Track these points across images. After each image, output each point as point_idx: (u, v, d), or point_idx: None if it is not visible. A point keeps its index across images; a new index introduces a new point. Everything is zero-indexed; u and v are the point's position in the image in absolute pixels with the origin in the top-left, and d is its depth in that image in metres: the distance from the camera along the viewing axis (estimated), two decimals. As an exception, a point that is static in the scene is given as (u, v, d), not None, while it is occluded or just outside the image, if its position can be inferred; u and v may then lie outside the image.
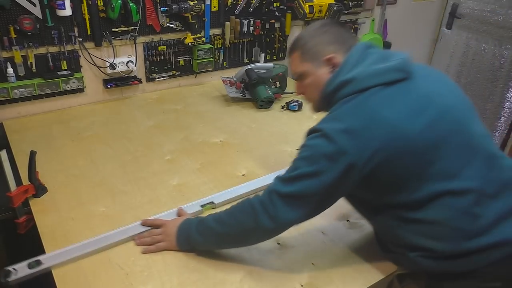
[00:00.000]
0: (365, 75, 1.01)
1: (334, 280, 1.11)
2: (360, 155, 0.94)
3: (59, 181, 1.45)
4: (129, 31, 2.01)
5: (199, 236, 1.11)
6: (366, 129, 0.94)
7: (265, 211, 1.00)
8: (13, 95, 1.81)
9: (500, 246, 0.94)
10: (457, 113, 1.04)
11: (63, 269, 1.10)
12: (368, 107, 0.97)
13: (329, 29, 1.13)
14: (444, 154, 0.97)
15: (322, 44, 1.11)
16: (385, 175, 0.97)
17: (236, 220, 1.05)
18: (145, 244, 1.18)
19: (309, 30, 1.16)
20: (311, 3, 2.38)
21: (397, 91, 0.99)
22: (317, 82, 1.12)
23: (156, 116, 1.96)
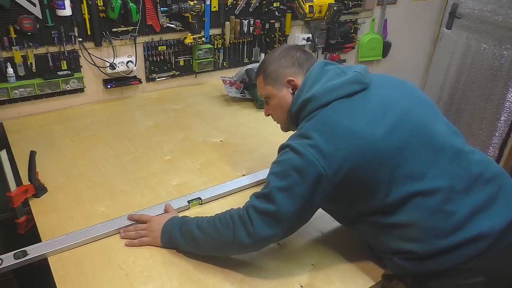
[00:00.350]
0: (323, 91, 1.07)
1: (334, 281, 1.11)
2: (329, 165, 0.97)
3: (59, 181, 1.45)
4: (129, 31, 2.01)
5: (181, 237, 1.13)
6: (330, 140, 0.99)
7: (243, 227, 1.02)
8: (13, 95, 1.81)
9: (476, 241, 0.95)
10: (417, 115, 1.07)
11: (63, 269, 1.10)
12: (330, 120, 1.02)
13: (288, 54, 1.20)
14: (409, 156, 1.00)
15: (282, 68, 1.18)
16: (356, 183, 1.00)
17: (216, 230, 1.07)
18: (130, 237, 1.20)
19: (270, 55, 1.24)
20: (311, 3, 2.38)
21: (355, 101, 1.05)
22: (281, 103, 1.20)
23: (156, 116, 1.96)
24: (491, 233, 0.95)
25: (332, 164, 0.97)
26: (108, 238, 1.21)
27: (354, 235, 1.27)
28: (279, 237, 1.06)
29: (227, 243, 1.06)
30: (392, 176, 0.99)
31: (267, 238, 1.03)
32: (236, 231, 1.03)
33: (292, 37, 2.63)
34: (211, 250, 1.12)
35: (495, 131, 3.23)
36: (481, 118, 3.30)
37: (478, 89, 3.28)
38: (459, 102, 3.44)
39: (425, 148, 1.02)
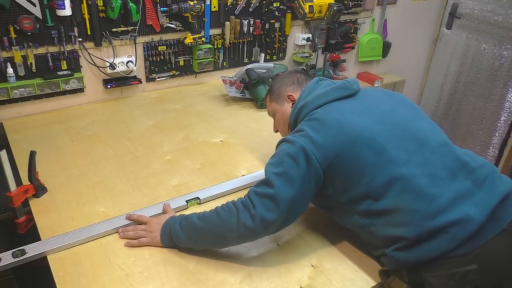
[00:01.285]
0: (314, 97, 1.22)
1: (334, 282, 1.12)
2: (318, 150, 1.09)
3: (59, 181, 1.45)
4: (129, 31, 2.01)
5: (181, 231, 1.14)
6: (319, 130, 1.11)
7: (247, 210, 1.08)
8: (13, 95, 1.81)
9: (461, 223, 0.97)
10: (402, 113, 1.18)
11: (64, 269, 1.10)
12: (319, 116, 1.16)
13: (290, 75, 1.43)
14: (393, 144, 1.08)
15: (284, 86, 1.40)
16: (344, 166, 1.09)
17: (219, 217, 1.10)
18: (128, 237, 1.21)
19: (277, 78, 1.48)
20: (311, 3, 2.38)
21: (343, 103, 1.19)
22: (283, 115, 1.39)
23: (156, 116, 1.96)
24: (477, 217, 0.98)
25: (322, 149, 1.08)
26: (108, 239, 1.21)
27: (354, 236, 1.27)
28: (280, 221, 1.09)
29: (231, 229, 1.08)
30: (377, 159, 1.07)
31: (269, 221, 1.06)
32: (240, 215, 1.07)
33: (292, 37, 2.63)
34: (214, 240, 1.14)
35: (495, 131, 3.23)
36: (481, 118, 3.30)
37: (478, 89, 3.28)
38: (459, 102, 3.44)
39: (408, 139, 1.10)
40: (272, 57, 2.58)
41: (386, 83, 3.10)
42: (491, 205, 1.01)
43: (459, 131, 3.48)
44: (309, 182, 1.10)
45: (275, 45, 2.55)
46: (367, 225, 1.09)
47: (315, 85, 1.30)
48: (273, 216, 1.06)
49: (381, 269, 1.12)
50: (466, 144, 3.44)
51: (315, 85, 1.30)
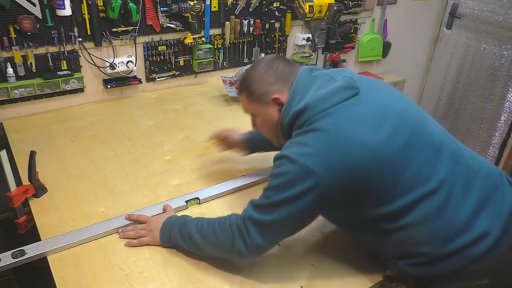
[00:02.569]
0: (316, 100, 1.02)
1: (334, 282, 1.12)
2: (331, 174, 0.94)
3: (59, 181, 1.45)
4: (129, 31, 2.01)
5: (181, 238, 1.13)
6: (332, 149, 0.95)
7: (241, 236, 1.02)
8: (13, 95, 1.81)
9: (480, 240, 0.95)
10: (414, 115, 1.07)
11: (64, 270, 1.10)
12: (330, 128, 0.97)
13: (270, 68, 1.12)
14: (413, 158, 0.98)
15: (266, 85, 1.11)
16: (361, 190, 0.97)
17: (215, 236, 1.07)
18: (128, 237, 1.21)
19: (253, 71, 1.15)
20: (311, 3, 2.38)
21: (351, 107, 1.00)
22: (268, 120, 1.15)
23: (156, 116, 1.96)
24: (493, 232, 0.96)
25: (335, 172, 0.94)
26: (108, 239, 1.21)
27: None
28: (276, 243, 1.07)
29: (225, 250, 1.06)
30: (398, 180, 0.96)
31: (263, 246, 1.03)
32: (235, 240, 1.03)
33: (292, 37, 2.63)
34: (210, 253, 1.12)
35: (495, 131, 3.23)
36: (481, 118, 3.30)
37: (478, 89, 3.28)
38: (459, 102, 3.44)
39: (426, 147, 1.01)
40: (272, 57, 2.58)
41: (386, 83, 3.09)
42: (504, 217, 0.99)
43: (459, 131, 3.48)
44: (315, 209, 1.01)
45: (275, 45, 2.55)
46: (380, 239, 1.04)
47: (308, 80, 1.09)
48: (268, 243, 1.03)
49: (386, 274, 1.09)
50: (466, 144, 3.42)
51: (308, 80, 1.09)
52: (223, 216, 1.10)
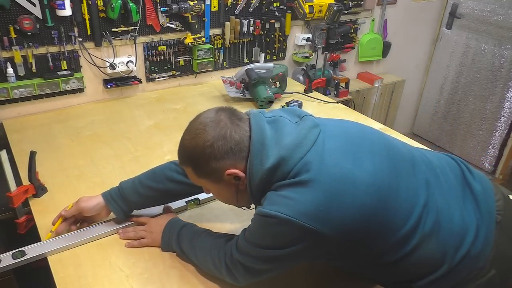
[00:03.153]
0: (289, 150, 0.90)
1: (334, 281, 1.12)
2: (331, 229, 0.85)
3: (59, 181, 1.45)
4: (129, 31, 2.01)
5: (178, 248, 1.14)
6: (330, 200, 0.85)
7: (229, 273, 1.00)
8: (13, 95, 1.81)
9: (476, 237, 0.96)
10: (375, 136, 1.02)
11: (64, 270, 1.10)
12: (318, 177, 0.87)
13: (219, 136, 0.93)
14: (400, 178, 0.94)
15: (214, 161, 0.93)
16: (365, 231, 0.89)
17: (205, 260, 1.06)
18: (129, 238, 1.21)
19: (196, 142, 0.95)
20: (311, 3, 2.38)
21: (325, 146, 0.91)
22: (224, 193, 1.02)
23: (156, 116, 1.96)
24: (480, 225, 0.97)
25: (336, 226, 0.85)
26: (109, 240, 1.21)
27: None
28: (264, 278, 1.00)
29: (215, 273, 1.06)
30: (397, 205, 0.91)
31: (251, 282, 1.01)
32: (223, 272, 1.02)
33: (292, 37, 2.63)
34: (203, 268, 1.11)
35: (495, 131, 3.23)
36: (481, 118, 3.30)
37: (478, 89, 3.28)
38: (459, 102, 3.44)
39: (404, 163, 0.97)
40: (272, 57, 2.58)
41: (386, 83, 3.10)
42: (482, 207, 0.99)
43: (459, 131, 3.48)
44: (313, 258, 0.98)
45: (275, 45, 2.55)
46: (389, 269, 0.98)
47: (269, 131, 0.94)
48: (258, 278, 0.99)
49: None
50: (466, 144, 3.45)
51: (268, 130, 0.94)
52: (215, 242, 1.06)
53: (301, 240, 0.86)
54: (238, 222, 1.30)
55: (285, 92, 2.24)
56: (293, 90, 2.32)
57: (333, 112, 2.10)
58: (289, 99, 2.13)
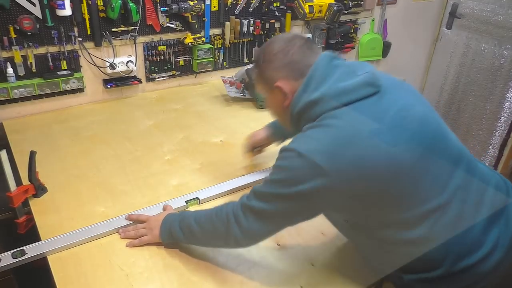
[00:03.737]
0: (333, 94, 0.94)
1: (334, 281, 1.12)
2: (341, 176, 0.88)
3: (59, 181, 1.45)
4: (129, 31, 2.01)
5: (180, 232, 1.12)
6: (347, 149, 0.88)
7: (237, 222, 1.00)
8: (13, 95, 1.81)
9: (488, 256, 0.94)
10: (433, 123, 1.01)
11: (64, 270, 1.10)
12: (347, 126, 0.91)
13: (283, 50, 1.02)
14: (430, 167, 0.92)
15: (272, 69, 1.03)
16: (372, 196, 0.91)
17: (212, 224, 1.05)
18: (129, 237, 1.21)
19: (269, 47, 1.05)
20: (311, 3, 2.38)
21: (370, 106, 0.93)
22: (273, 105, 1.10)
23: (156, 116, 1.96)
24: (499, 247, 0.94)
25: (347, 175, 0.88)
26: (108, 239, 1.21)
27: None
28: (272, 233, 1.02)
29: (221, 236, 1.05)
30: (414, 190, 0.91)
31: (259, 234, 1.01)
32: (230, 227, 1.00)
33: (292, 37, 2.62)
34: (208, 244, 1.14)
35: (495, 131, 3.23)
36: (481, 118, 3.30)
37: (478, 89, 3.28)
38: (459, 102, 3.44)
39: (444, 157, 0.95)
40: (272, 57, 2.58)
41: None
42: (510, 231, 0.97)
43: (459, 131, 3.48)
44: (317, 209, 0.98)
45: (275, 45, 2.55)
46: (387, 249, 1.00)
47: (327, 70, 0.99)
48: (264, 232, 1.00)
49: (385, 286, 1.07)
50: (466, 144, 3.43)
51: (327, 68, 0.99)
52: (220, 205, 1.08)
53: (311, 179, 0.88)
54: (238, 221, 1.30)
55: None
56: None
57: (333, 112, 2.10)
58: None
